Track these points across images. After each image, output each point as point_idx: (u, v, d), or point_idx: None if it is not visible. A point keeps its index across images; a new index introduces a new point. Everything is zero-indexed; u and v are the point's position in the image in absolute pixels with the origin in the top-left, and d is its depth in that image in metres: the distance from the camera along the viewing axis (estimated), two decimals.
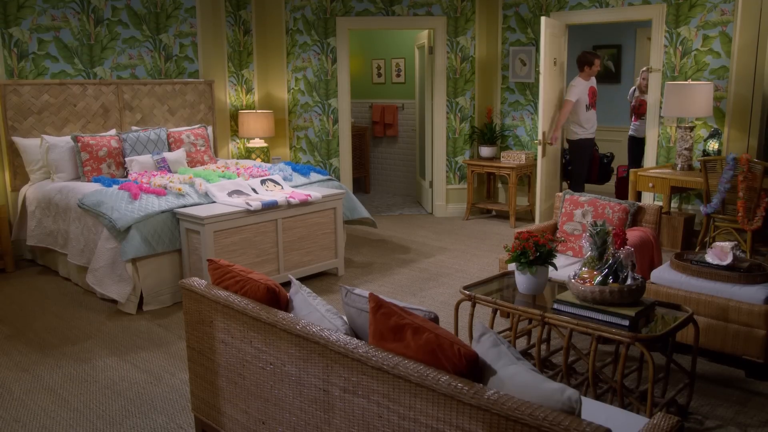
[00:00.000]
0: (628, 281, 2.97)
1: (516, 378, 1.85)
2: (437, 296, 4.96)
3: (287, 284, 2.87)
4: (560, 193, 4.63)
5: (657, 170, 5.97)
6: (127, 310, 4.65)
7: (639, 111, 7.27)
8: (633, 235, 4.00)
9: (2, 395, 3.46)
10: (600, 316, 2.94)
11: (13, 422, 3.19)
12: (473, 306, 3.42)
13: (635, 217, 4.37)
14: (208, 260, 2.81)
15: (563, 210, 4.51)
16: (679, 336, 3.49)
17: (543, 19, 6.30)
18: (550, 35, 6.39)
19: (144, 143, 5.97)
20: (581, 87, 6.85)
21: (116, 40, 6.40)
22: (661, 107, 6.27)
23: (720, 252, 3.67)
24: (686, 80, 6.09)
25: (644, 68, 7.02)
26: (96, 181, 5.43)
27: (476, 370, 1.92)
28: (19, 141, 5.72)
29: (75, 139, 5.63)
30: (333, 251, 5.42)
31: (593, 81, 6.99)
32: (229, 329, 2.56)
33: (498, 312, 3.47)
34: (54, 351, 4.02)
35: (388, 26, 7.61)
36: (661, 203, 6.13)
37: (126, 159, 5.78)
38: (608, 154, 8.15)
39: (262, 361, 2.43)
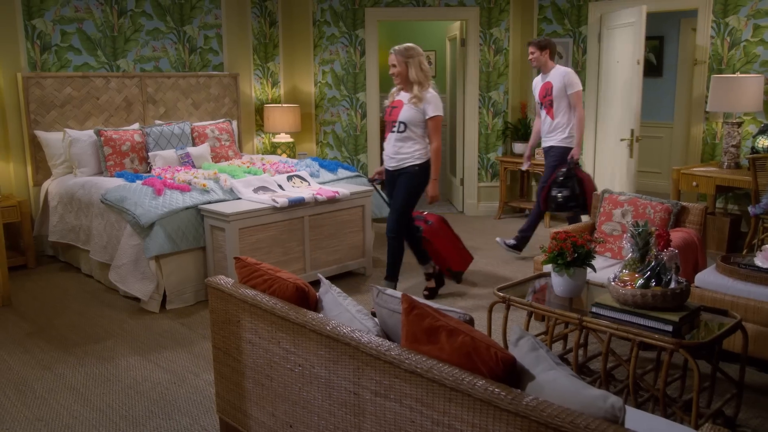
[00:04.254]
0: (672, 284, 2.94)
1: (555, 384, 1.84)
2: (468, 297, 4.95)
3: (315, 283, 2.89)
4: (598, 192, 4.59)
5: (702, 168, 5.88)
6: (150, 309, 4.71)
7: (390, 118, 4.62)
8: (676, 236, 3.95)
9: (25, 393, 3.53)
10: (641, 321, 2.91)
11: (36, 421, 3.25)
12: (507, 308, 3.40)
13: (678, 217, 4.31)
14: (235, 258, 2.83)
15: (601, 209, 4.47)
16: (726, 344, 3.43)
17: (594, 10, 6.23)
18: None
19: (168, 138, 6.05)
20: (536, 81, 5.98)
21: (140, 31, 6.48)
22: (706, 102, 6.17)
23: None
24: (734, 73, 5.99)
25: (393, 49, 4.53)
26: (119, 176, 5.51)
27: (514, 374, 1.92)
28: (42, 135, 5.83)
29: (98, 133, 5.72)
30: (361, 250, 5.43)
31: (550, 74, 5.76)
32: (257, 329, 2.59)
33: (533, 315, 3.45)
34: (76, 349, 4.09)
35: (419, 17, 7.60)
36: (705, 203, 6.05)
37: (149, 154, 5.86)
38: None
39: (290, 363, 2.45)
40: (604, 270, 3.91)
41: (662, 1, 6.43)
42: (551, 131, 5.79)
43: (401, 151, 4.56)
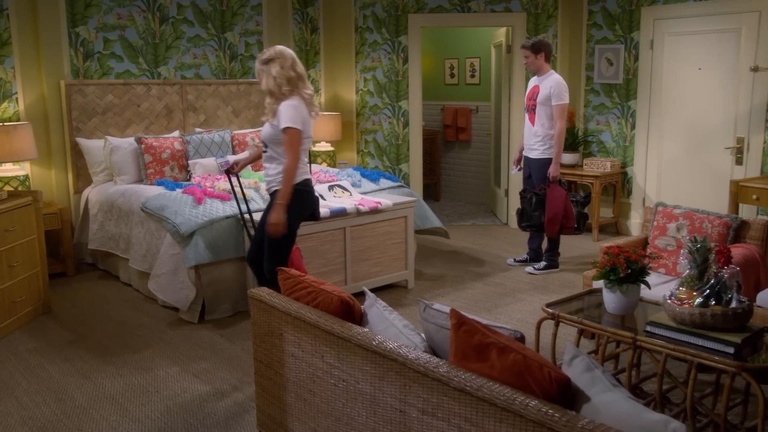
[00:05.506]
0: (733, 304, 2.87)
1: (613, 406, 1.80)
2: (514, 313, 4.90)
3: (357, 296, 2.89)
4: (651, 205, 4.52)
5: (763, 180, 5.74)
6: (189, 319, 4.77)
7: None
8: (736, 252, 3.85)
9: (65, 402, 3.60)
10: (700, 342, 2.85)
11: (77, 431, 3.31)
12: (556, 325, 3.36)
13: (738, 232, 4.21)
14: (279, 269, 2.85)
15: (655, 223, 4.40)
16: None
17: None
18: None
19: (208, 145, 6.13)
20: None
21: (181, 38, 6.60)
22: (767, 110, 6.03)
23: None
24: None
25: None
26: (159, 184, 5.60)
27: (568, 395, 1.89)
28: (83, 142, 5.97)
29: (138, 140, 5.83)
30: (403, 262, 5.42)
31: (543, 79, 5.75)
32: (300, 342, 2.60)
33: (582, 333, 3.40)
34: (115, 359, 4.16)
35: (463, 24, 7.59)
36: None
37: (189, 162, 5.95)
38: (581, 195, 5.93)
39: (334, 378, 2.45)
40: (658, 287, 3.84)
41: (723, 5, 6.31)
42: (531, 140, 5.82)
43: (268, 174, 3.98)
